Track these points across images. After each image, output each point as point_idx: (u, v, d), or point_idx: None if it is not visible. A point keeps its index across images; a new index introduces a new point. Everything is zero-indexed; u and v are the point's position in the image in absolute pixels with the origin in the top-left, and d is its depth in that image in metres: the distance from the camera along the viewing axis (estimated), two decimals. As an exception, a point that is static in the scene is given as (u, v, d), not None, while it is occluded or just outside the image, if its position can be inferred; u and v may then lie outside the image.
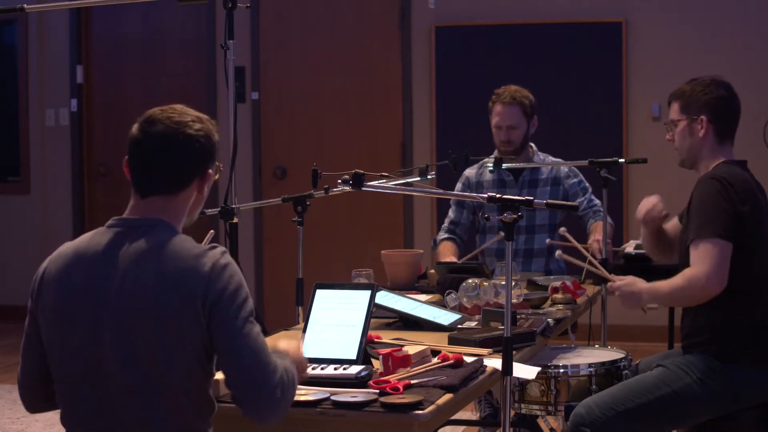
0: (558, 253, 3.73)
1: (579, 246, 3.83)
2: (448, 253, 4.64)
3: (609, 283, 3.43)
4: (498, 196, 2.74)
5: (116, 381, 2.19)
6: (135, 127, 2.31)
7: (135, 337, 2.18)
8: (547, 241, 3.79)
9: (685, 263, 3.28)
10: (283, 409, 2.21)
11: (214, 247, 2.26)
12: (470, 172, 4.75)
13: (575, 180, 4.66)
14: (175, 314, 2.17)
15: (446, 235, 4.78)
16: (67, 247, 2.31)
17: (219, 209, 4.07)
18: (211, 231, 2.90)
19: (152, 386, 2.18)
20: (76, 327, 2.22)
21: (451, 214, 4.82)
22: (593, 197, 4.68)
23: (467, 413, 4.68)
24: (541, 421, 3.95)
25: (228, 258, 2.25)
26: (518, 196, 3.95)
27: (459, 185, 4.80)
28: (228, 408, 2.33)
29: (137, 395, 2.19)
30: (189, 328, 2.17)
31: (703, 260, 3.16)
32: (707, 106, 3.34)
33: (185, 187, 2.32)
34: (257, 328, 2.21)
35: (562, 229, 4.00)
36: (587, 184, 4.68)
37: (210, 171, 2.35)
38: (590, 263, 3.58)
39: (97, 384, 2.21)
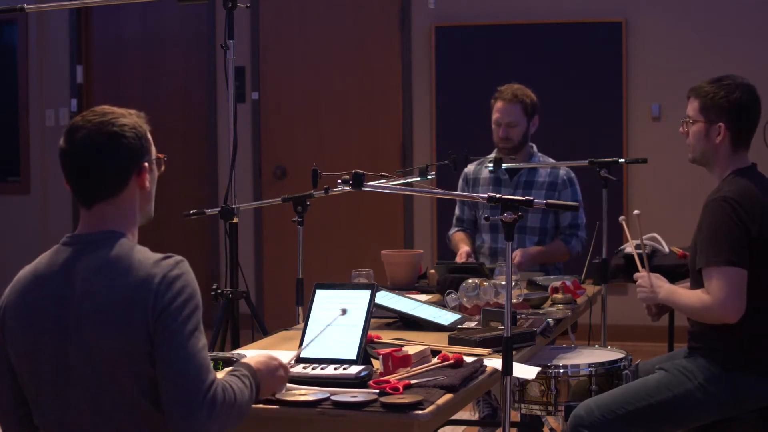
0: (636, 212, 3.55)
1: (630, 237, 3.67)
2: (462, 242, 4.73)
3: (636, 274, 3.42)
4: (498, 196, 2.75)
5: (86, 400, 2.17)
6: (61, 141, 2.26)
7: (97, 357, 2.14)
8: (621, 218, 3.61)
9: (696, 285, 3.27)
10: (209, 429, 2.13)
11: (169, 257, 2.20)
12: (469, 168, 4.80)
13: (570, 190, 4.66)
14: (131, 330, 2.13)
15: (456, 228, 4.88)
16: (26, 271, 2.27)
17: (219, 209, 4.08)
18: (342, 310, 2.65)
19: (121, 402, 2.15)
20: (44, 350, 2.19)
21: (456, 211, 4.91)
22: (582, 214, 4.69)
23: (467, 413, 4.69)
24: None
25: (182, 268, 2.19)
26: (512, 195, 3.96)
27: (460, 182, 4.85)
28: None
29: (109, 413, 2.16)
30: (144, 341, 2.13)
31: (719, 289, 3.13)
32: (727, 114, 3.26)
33: (124, 187, 2.26)
34: (201, 343, 2.15)
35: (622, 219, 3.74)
36: (580, 197, 4.67)
37: (146, 164, 2.28)
38: (638, 251, 3.50)
39: (69, 404, 2.18)
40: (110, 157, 2.24)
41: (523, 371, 2.89)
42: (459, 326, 3.30)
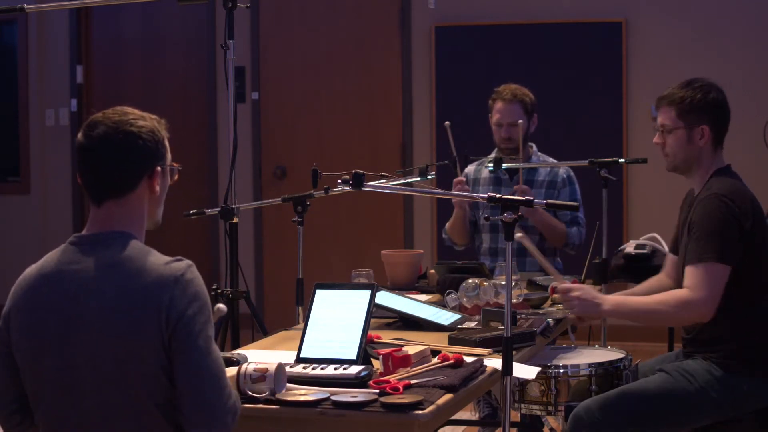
0: (519, 235, 3.58)
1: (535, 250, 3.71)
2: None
3: (555, 283, 3.39)
4: (498, 196, 2.75)
5: (91, 400, 2.17)
6: (79, 135, 2.27)
7: (105, 356, 2.15)
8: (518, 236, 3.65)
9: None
10: None
11: (179, 260, 2.21)
12: (469, 168, 4.80)
13: (569, 189, 4.66)
14: (139, 331, 2.13)
15: None
16: (32, 269, 2.27)
17: (219, 209, 4.08)
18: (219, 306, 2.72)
19: (125, 403, 2.16)
20: (48, 349, 2.19)
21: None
22: (581, 213, 4.68)
23: (467, 413, 4.69)
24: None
25: (193, 273, 2.20)
26: (512, 195, 3.95)
27: (460, 183, 4.84)
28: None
29: (112, 413, 2.16)
30: (155, 344, 2.13)
31: (703, 286, 3.12)
32: (709, 114, 3.29)
33: (134, 187, 2.27)
34: (217, 350, 2.18)
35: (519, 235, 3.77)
36: (579, 196, 4.67)
37: (159, 168, 2.30)
38: (539, 260, 3.50)
39: (73, 404, 2.19)
40: (125, 155, 2.25)
41: (523, 371, 2.89)
42: (459, 326, 3.30)
